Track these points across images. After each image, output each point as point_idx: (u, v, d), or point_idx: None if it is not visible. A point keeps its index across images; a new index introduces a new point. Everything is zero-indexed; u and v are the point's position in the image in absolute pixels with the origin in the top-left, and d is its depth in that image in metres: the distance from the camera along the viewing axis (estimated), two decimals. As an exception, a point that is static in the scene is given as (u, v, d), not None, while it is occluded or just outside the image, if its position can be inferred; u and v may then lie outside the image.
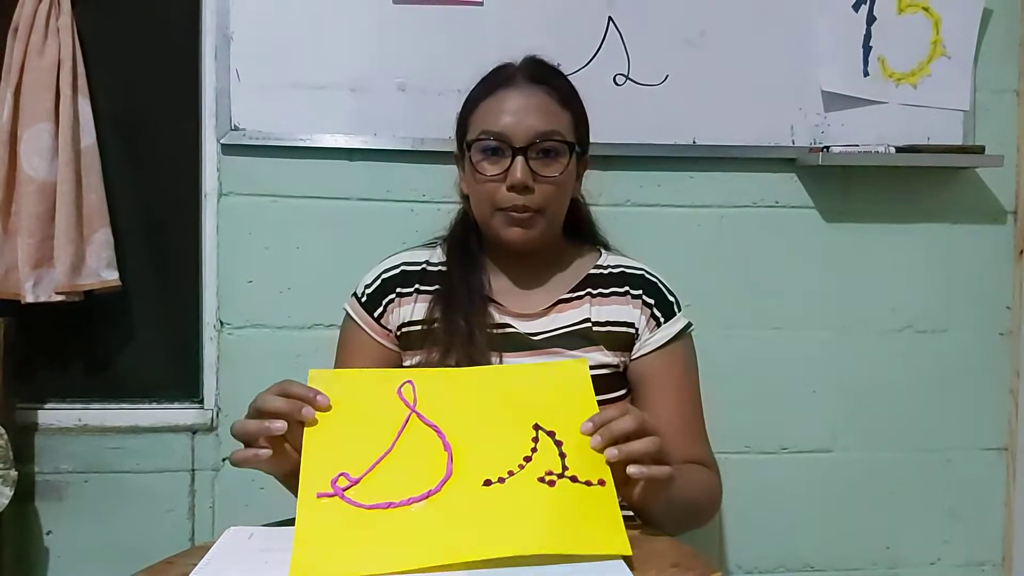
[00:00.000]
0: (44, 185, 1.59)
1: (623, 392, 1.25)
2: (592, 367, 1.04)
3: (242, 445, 0.97)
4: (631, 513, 1.16)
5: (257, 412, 0.95)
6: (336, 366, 1.30)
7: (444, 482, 0.89)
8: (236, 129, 1.67)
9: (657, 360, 1.24)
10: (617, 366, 1.24)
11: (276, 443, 0.95)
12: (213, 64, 1.67)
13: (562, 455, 0.91)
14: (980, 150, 1.77)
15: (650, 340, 1.25)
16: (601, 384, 1.05)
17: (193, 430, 1.72)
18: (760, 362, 1.81)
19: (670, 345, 1.25)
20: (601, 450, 0.91)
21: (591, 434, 0.92)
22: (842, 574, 1.86)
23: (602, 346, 1.24)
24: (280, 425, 0.93)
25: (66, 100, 1.58)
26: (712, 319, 1.75)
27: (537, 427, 0.94)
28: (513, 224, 1.22)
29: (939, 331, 1.86)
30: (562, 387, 1.00)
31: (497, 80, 1.24)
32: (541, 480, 0.89)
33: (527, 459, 0.91)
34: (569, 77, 1.30)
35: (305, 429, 0.93)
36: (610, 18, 1.71)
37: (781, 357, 1.82)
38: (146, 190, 1.72)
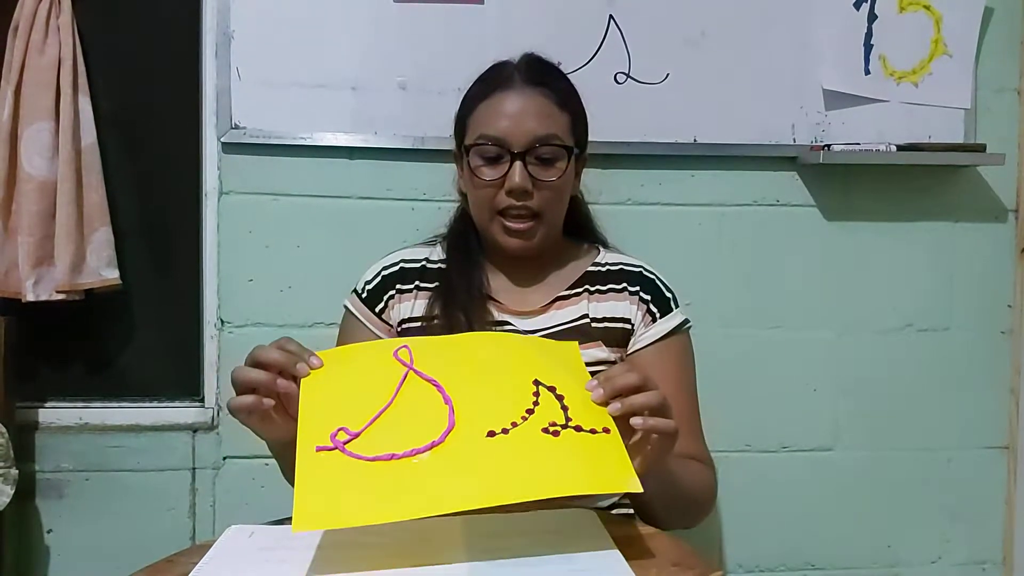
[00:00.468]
0: (44, 184, 1.59)
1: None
2: (591, 363, 1.04)
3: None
4: (630, 511, 1.17)
5: (254, 362, 0.95)
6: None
7: (447, 433, 0.87)
8: (237, 128, 1.67)
9: (652, 355, 1.24)
10: (615, 362, 1.23)
11: (276, 401, 0.95)
12: (214, 62, 1.67)
13: (564, 407, 0.90)
14: (981, 148, 1.77)
15: (645, 335, 1.25)
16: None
17: (194, 429, 1.72)
18: (760, 361, 1.81)
19: (665, 340, 1.25)
20: (604, 403, 0.91)
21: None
22: (842, 573, 1.86)
23: (600, 342, 1.23)
24: (285, 382, 0.93)
25: (66, 99, 1.58)
26: (712, 318, 1.75)
27: (537, 382, 0.93)
28: (512, 235, 1.22)
29: (940, 330, 1.86)
30: (557, 358, 1.00)
31: (495, 81, 1.24)
32: (545, 431, 0.88)
33: (529, 411, 0.90)
34: (569, 76, 1.30)
35: (301, 387, 0.93)
36: (611, 16, 1.71)
37: (782, 356, 1.82)
38: (147, 189, 1.72)
